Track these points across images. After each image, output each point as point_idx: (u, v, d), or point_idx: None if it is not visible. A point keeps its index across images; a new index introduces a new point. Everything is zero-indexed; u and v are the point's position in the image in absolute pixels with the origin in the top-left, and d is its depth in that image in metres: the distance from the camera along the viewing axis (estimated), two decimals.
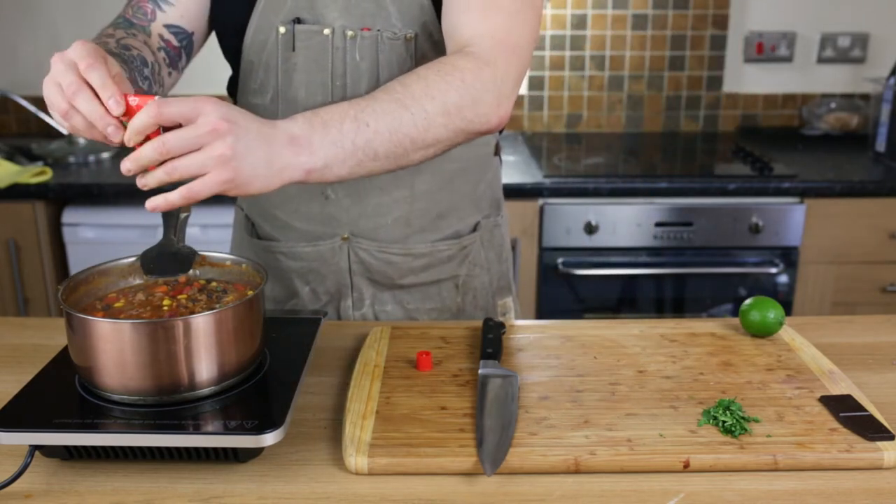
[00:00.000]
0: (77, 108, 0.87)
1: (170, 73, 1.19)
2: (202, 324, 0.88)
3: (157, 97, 0.85)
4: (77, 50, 0.89)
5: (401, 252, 1.27)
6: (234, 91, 1.26)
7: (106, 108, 0.87)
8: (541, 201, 2.34)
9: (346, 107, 0.95)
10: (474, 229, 1.33)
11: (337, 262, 1.28)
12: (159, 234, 0.98)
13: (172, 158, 0.85)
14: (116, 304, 0.97)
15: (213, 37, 1.26)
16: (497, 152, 1.36)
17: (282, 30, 1.15)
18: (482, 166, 1.31)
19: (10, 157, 2.51)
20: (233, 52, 1.21)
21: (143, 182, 0.87)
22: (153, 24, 1.18)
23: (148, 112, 0.84)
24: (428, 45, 1.15)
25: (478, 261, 1.35)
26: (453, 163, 1.25)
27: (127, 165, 0.86)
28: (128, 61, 1.05)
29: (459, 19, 1.06)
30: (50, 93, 0.89)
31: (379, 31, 1.13)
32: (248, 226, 1.36)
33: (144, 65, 1.09)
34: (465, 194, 1.29)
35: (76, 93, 0.86)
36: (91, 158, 2.53)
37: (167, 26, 1.18)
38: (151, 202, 0.88)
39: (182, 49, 1.20)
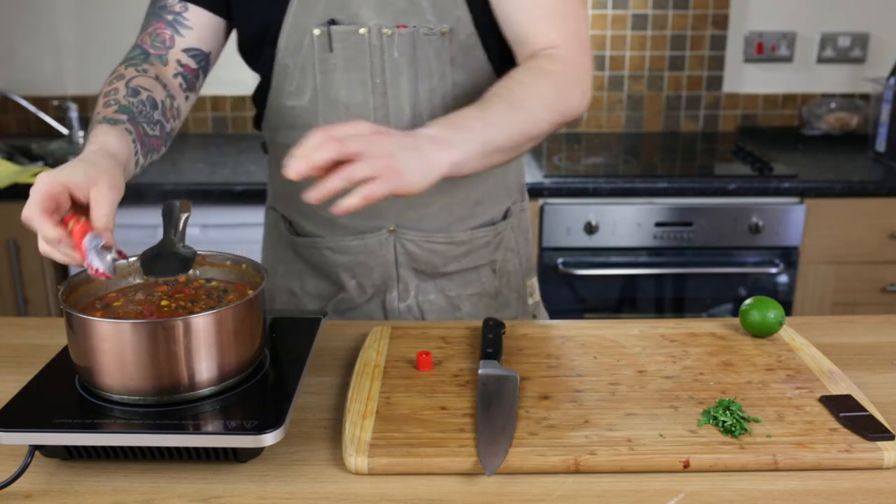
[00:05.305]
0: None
1: (186, 98, 1.21)
2: (202, 324, 0.88)
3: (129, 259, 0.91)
4: (32, 198, 0.95)
5: (444, 240, 1.31)
6: (263, 98, 1.28)
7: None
8: (541, 201, 2.34)
9: (469, 112, 1.04)
10: (505, 215, 1.38)
11: (384, 254, 1.31)
12: (159, 234, 0.98)
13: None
14: (116, 304, 0.97)
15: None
16: None
17: (316, 32, 1.18)
18: None
19: (10, 157, 2.51)
20: (265, 58, 1.23)
21: (319, 195, 0.91)
22: (171, 51, 1.19)
23: (325, 148, 0.89)
24: (463, 37, 1.19)
25: (510, 245, 1.39)
26: None
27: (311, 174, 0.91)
28: (135, 114, 1.07)
29: (531, 30, 1.17)
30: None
31: (415, 27, 1.17)
32: (286, 225, 1.37)
33: (154, 107, 1.11)
34: (499, 181, 1.35)
35: (49, 253, 0.93)
36: None
37: (186, 50, 1.20)
38: (336, 209, 0.93)
39: (199, 70, 1.23)
